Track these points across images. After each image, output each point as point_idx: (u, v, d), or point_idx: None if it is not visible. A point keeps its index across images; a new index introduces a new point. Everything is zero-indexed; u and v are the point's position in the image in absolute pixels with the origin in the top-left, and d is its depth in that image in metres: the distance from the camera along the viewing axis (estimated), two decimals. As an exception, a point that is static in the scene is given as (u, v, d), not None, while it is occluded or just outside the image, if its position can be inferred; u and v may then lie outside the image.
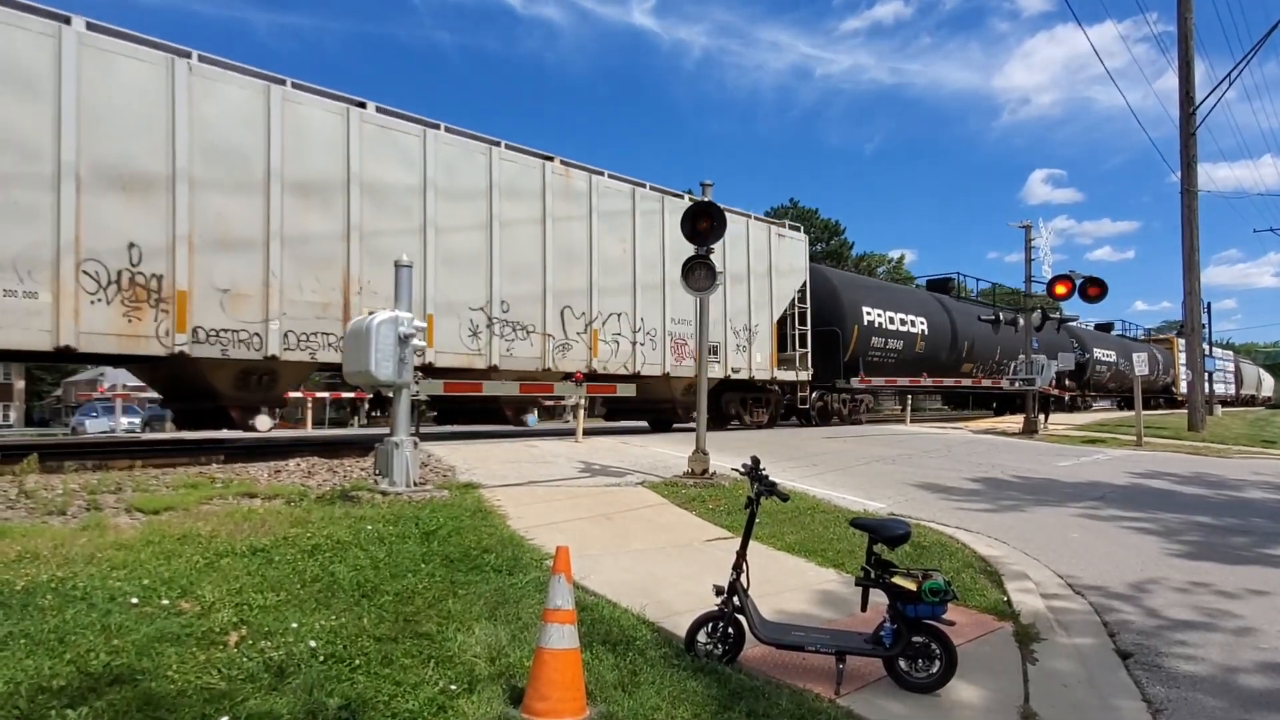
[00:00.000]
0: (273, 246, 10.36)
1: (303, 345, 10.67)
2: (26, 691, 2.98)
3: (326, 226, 10.97)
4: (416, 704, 3.13)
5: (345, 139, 11.15)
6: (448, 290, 12.22)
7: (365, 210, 11.32)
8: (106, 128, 9.15)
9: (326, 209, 10.97)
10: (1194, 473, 12.37)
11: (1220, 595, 5.51)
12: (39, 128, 8.70)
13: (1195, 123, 22.26)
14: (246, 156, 10.22)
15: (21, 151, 8.60)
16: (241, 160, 10.17)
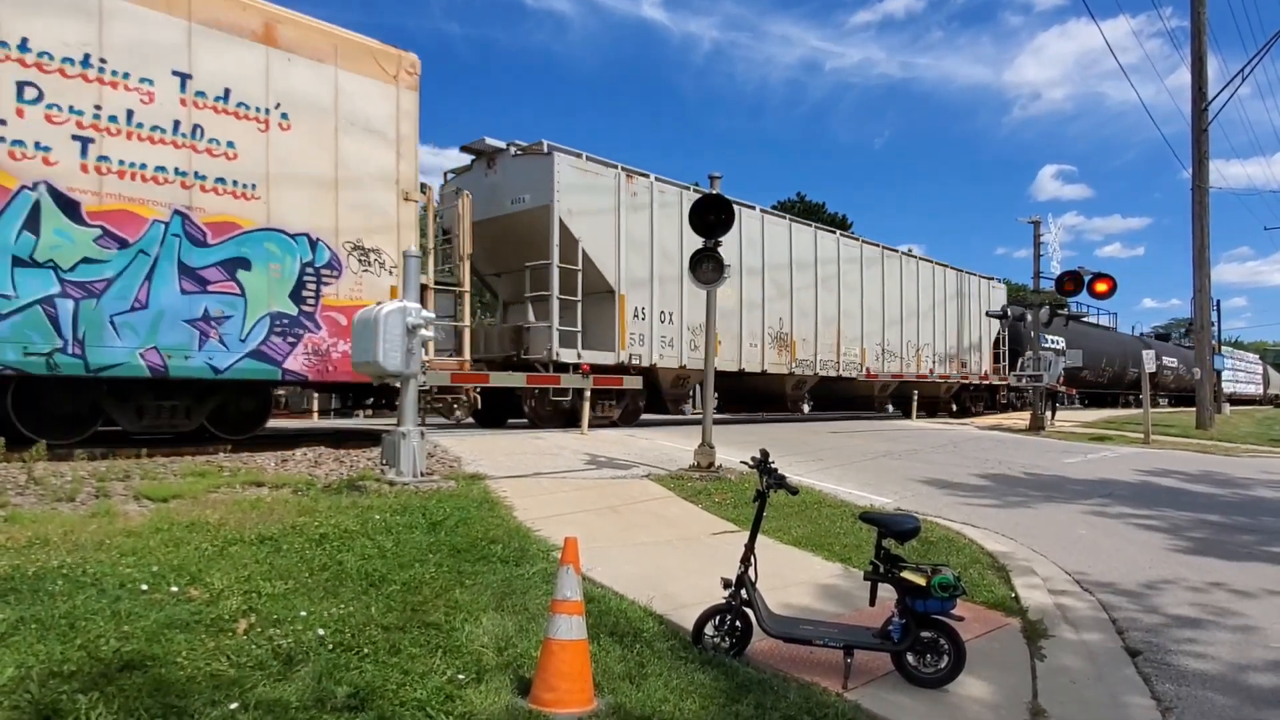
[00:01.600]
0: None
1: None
2: (38, 676, 3.00)
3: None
4: (424, 693, 3.14)
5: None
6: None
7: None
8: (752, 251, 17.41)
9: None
10: (1202, 471, 12.32)
11: (1230, 593, 5.48)
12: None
13: (1207, 119, 22.10)
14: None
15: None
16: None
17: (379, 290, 10.41)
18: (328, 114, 10.12)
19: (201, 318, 9.07)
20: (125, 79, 8.61)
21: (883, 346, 20.99)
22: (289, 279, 9.74)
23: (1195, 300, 22.73)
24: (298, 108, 9.85)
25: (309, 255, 9.95)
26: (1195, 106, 22.20)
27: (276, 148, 9.67)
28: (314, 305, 9.94)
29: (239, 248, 9.36)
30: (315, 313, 9.96)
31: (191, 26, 9.04)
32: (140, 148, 8.69)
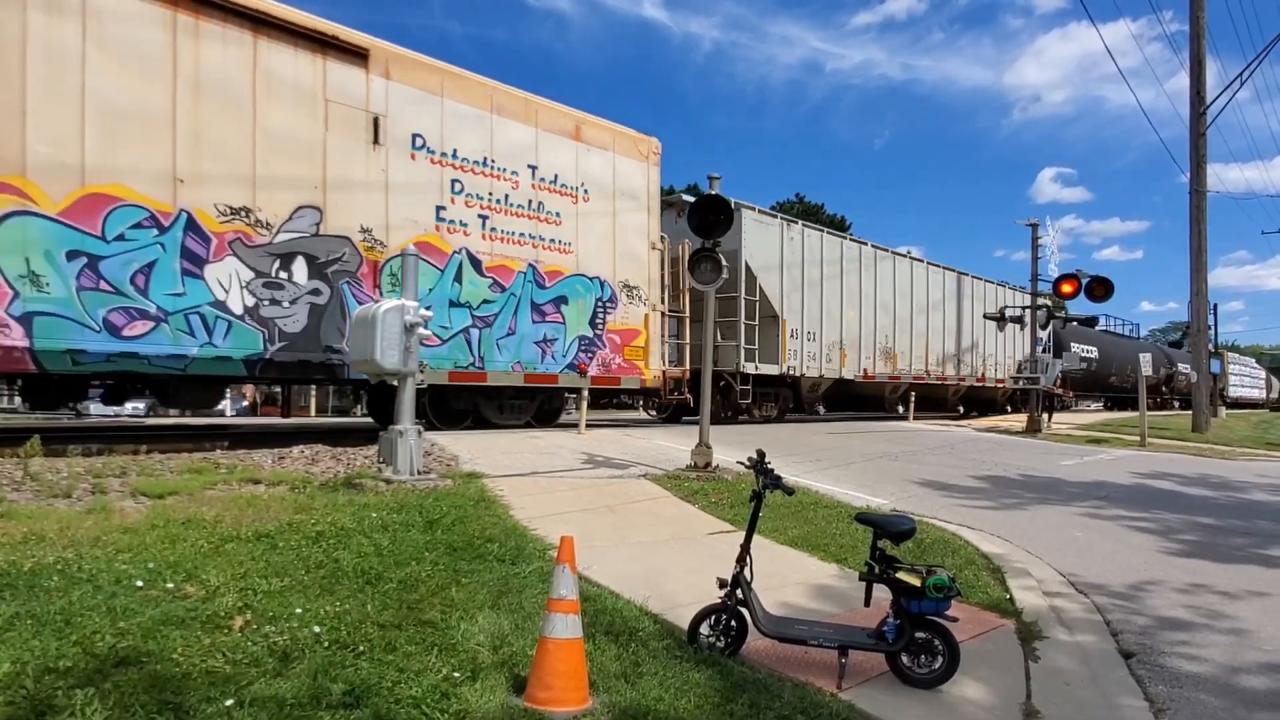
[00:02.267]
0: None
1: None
2: (33, 672, 3.00)
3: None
4: (420, 691, 3.14)
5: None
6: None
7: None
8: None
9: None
10: (1197, 474, 12.35)
11: (1223, 596, 5.50)
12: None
13: (1206, 122, 22.14)
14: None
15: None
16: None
17: (637, 316, 14.61)
18: (609, 188, 14.13)
19: (542, 340, 13.01)
20: (503, 172, 12.59)
21: (958, 357, 24.99)
22: (588, 310, 13.73)
23: (1192, 304, 22.77)
24: (593, 185, 13.86)
25: (599, 292, 13.93)
26: (1193, 110, 22.24)
27: (582, 215, 13.69)
28: (601, 329, 13.92)
29: (562, 288, 13.35)
30: (602, 334, 13.91)
31: (538, 132, 13.06)
32: (511, 220, 12.70)
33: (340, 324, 10.54)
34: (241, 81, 9.73)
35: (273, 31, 9.96)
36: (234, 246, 9.69)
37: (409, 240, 11.13)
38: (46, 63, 8.34)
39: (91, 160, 8.62)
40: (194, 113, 9.34)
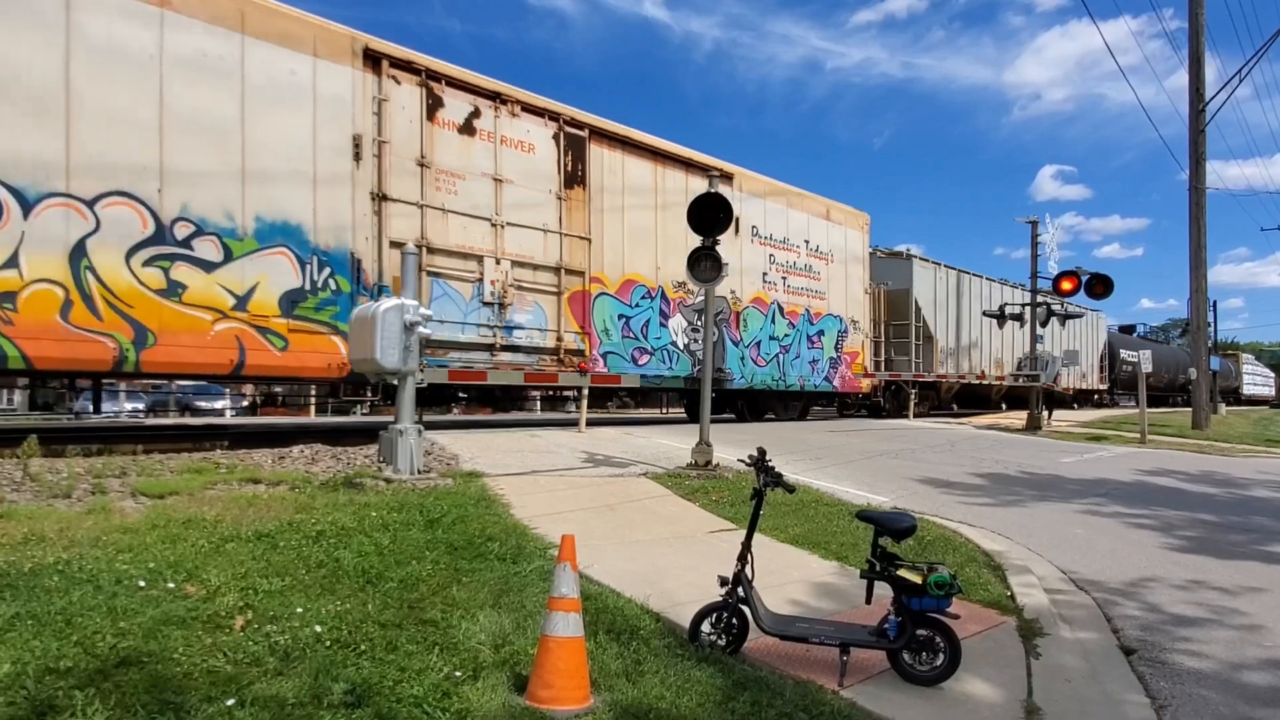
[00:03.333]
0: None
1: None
2: (34, 672, 2.99)
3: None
4: (421, 690, 3.14)
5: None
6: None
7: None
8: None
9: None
10: (1198, 471, 12.35)
11: (1224, 592, 5.50)
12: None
13: (1205, 119, 22.13)
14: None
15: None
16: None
17: (857, 342, 20.31)
18: (843, 251, 19.91)
19: (811, 360, 18.71)
20: (792, 246, 18.28)
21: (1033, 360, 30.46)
22: (834, 339, 19.48)
23: (1192, 301, 22.77)
24: (835, 250, 19.67)
25: (840, 326, 19.70)
26: (1193, 107, 22.23)
27: (830, 272, 19.45)
28: (841, 352, 19.63)
29: (821, 325, 19.12)
30: (841, 356, 19.67)
31: (809, 217, 18.85)
32: (796, 278, 18.40)
33: (723, 352, 16.27)
34: (668, 199, 15.14)
35: (669, 162, 15.37)
36: (679, 306, 15.35)
37: (751, 297, 17.14)
38: (608, 211, 14.00)
39: (626, 262, 14.41)
40: (656, 228, 14.99)
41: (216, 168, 9.40)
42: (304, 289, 10.12)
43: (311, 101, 10.19)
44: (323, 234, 10.25)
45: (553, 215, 13.06)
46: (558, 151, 13.18)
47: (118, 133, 8.68)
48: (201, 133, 9.29)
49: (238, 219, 9.56)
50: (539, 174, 12.85)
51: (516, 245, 12.54)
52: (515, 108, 12.45)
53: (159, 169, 8.96)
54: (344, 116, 10.47)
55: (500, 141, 12.31)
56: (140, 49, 8.85)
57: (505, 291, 12.36)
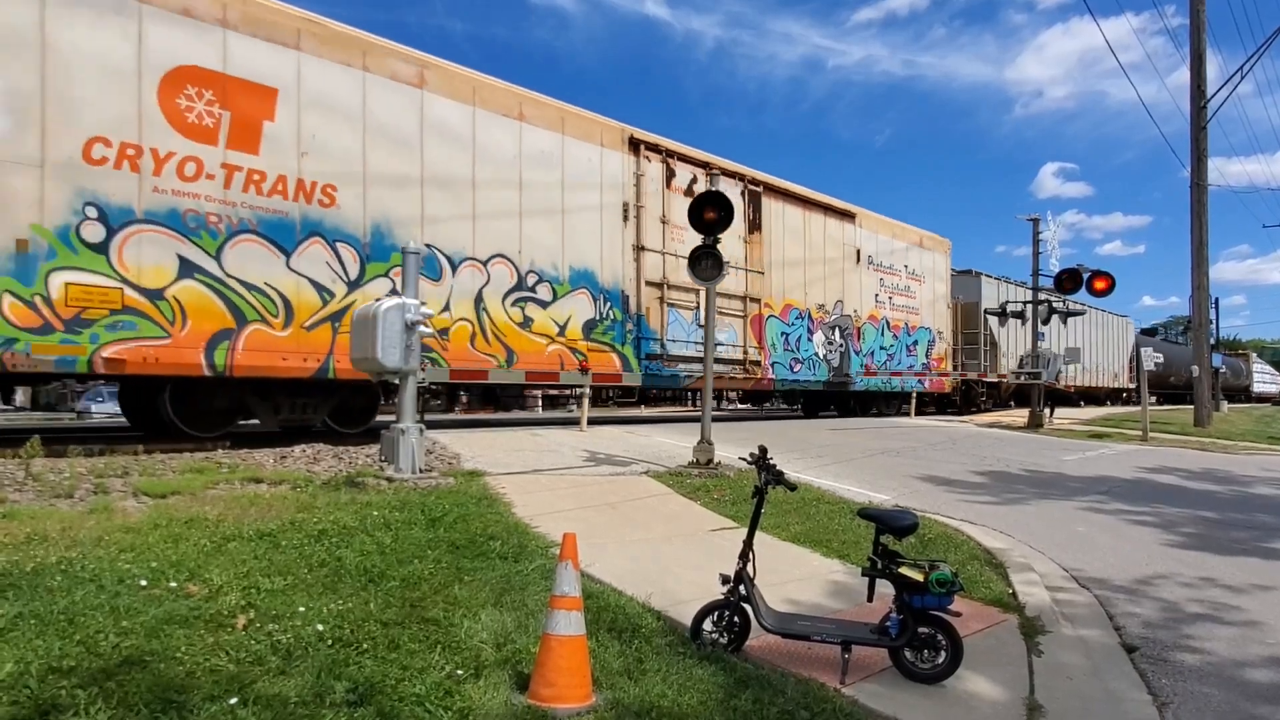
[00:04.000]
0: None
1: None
2: (37, 671, 3.00)
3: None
4: (423, 688, 3.14)
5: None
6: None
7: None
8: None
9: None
10: (1200, 468, 12.34)
11: (1226, 590, 5.50)
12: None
13: (1206, 116, 22.10)
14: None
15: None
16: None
17: (940, 350, 23.70)
18: (931, 272, 23.28)
19: (909, 366, 21.94)
20: (895, 270, 21.53)
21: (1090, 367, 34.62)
22: (925, 347, 22.76)
23: (1194, 298, 22.74)
24: (925, 272, 22.98)
25: (929, 336, 23.02)
26: (1194, 104, 22.20)
27: (922, 290, 22.72)
28: (929, 359, 22.93)
29: (916, 335, 22.37)
30: (930, 362, 22.99)
31: (907, 245, 22.14)
32: (898, 298, 21.64)
33: (848, 360, 19.46)
34: (812, 238, 18.56)
35: (814, 207, 18.68)
36: (820, 323, 18.66)
37: (867, 314, 20.40)
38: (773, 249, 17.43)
39: (786, 290, 17.70)
40: (803, 260, 18.19)
41: (548, 233, 12.77)
42: (596, 319, 13.47)
43: (599, 179, 13.54)
44: (606, 277, 13.59)
45: (740, 255, 16.16)
46: (744, 204, 16.32)
47: (498, 216, 12.12)
48: (540, 209, 12.65)
49: (560, 269, 12.94)
50: (734, 223, 13.84)
51: (682, 279, 14.40)
52: (717, 172, 14.27)
53: (519, 237, 12.36)
54: (617, 188, 13.84)
55: (673, 187, 15.08)
56: (511, 154, 12.24)
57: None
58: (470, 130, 11.61)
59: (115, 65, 8.49)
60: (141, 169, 8.67)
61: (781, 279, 17.50)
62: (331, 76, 10.16)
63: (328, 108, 10.14)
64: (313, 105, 9.99)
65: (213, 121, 9.17)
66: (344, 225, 10.30)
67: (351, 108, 10.37)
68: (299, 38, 9.87)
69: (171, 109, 8.87)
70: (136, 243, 8.64)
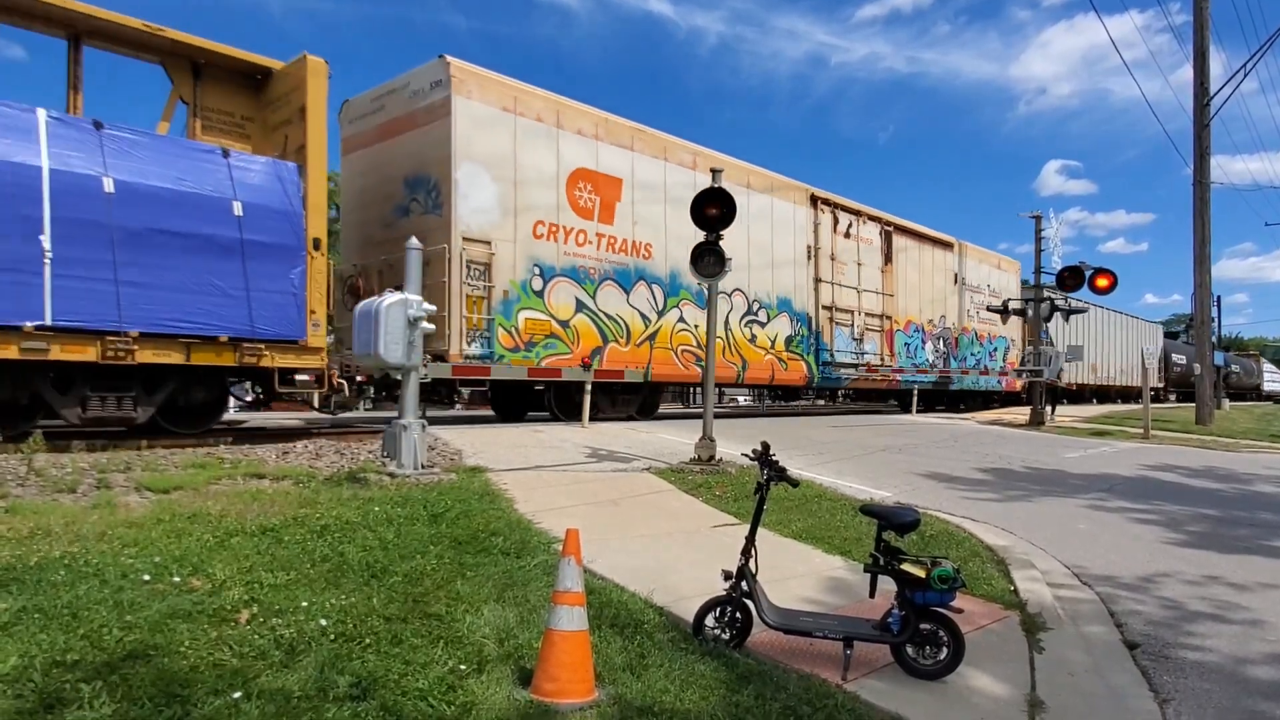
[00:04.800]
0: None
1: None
2: (41, 665, 3.01)
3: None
4: (426, 683, 3.15)
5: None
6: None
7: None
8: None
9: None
10: (1202, 466, 12.34)
11: (1228, 587, 5.50)
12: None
13: (1209, 114, 22.05)
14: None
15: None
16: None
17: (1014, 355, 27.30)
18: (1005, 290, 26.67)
19: (985, 370, 25.57)
20: (980, 288, 25.82)
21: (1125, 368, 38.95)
22: (1002, 353, 27.04)
23: (1196, 296, 22.71)
24: (1001, 289, 26.58)
25: (1005, 344, 27.18)
26: (1197, 101, 22.15)
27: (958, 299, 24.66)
28: (1005, 362, 26.84)
29: (995, 344, 26.72)
30: (1005, 365, 26.72)
31: (989, 268, 26.67)
32: (983, 314, 25.07)
33: (949, 365, 23.40)
34: (925, 265, 22.81)
35: (926, 241, 22.84)
36: (929, 335, 22.73)
37: (962, 328, 24.64)
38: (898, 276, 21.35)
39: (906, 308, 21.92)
40: (918, 284, 22.39)
41: (765, 270, 17.04)
42: (792, 335, 17.87)
43: (792, 228, 17.90)
44: (797, 303, 17.99)
45: (879, 282, 20.79)
46: (882, 242, 20.99)
47: (737, 257, 13.80)
48: (759, 251, 16.89)
49: (770, 297, 17.26)
50: (875, 257, 20.74)
51: (866, 303, 20.28)
52: (865, 219, 20.24)
53: (748, 273, 16.50)
54: (802, 234, 18.28)
55: (860, 240, 20.14)
56: (742, 212, 13.17)
57: (862, 332, 20.15)
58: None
59: (546, 172, 12.78)
60: (557, 240, 12.97)
61: (904, 300, 21.82)
62: (648, 167, 14.48)
63: (647, 188, 14.38)
64: (640, 187, 14.26)
65: (590, 204, 13.50)
66: (655, 271, 14.59)
67: (658, 187, 14.63)
68: (632, 141, 14.26)
69: (571, 198, 13.17)
70: (556, 290, 12.92)
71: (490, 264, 11.93)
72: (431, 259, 10.73)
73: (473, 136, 11.70)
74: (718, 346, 12.85)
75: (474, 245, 11.75)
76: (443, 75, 11.57)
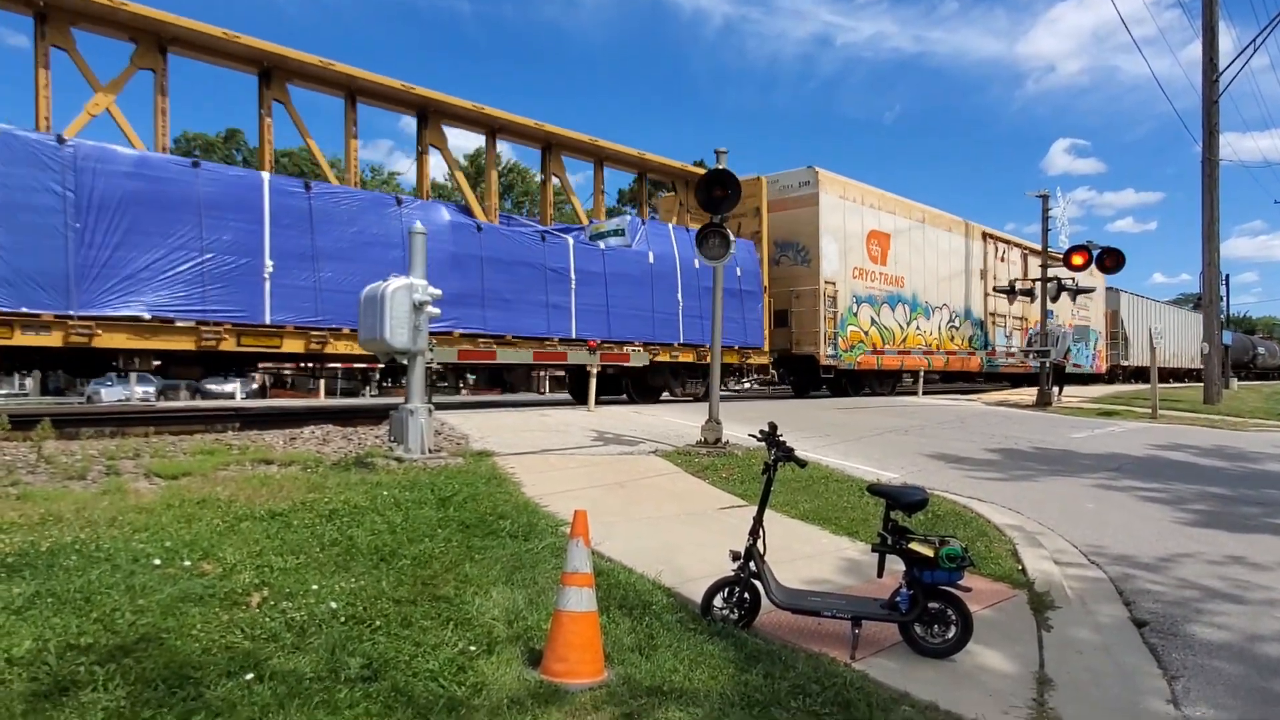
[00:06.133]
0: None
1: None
2: (55, 649, 3.03)
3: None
4: (437, 664, 3.17)
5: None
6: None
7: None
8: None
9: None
10: (1210, 445, 12.30)
11: (1239, 565, 5.49)
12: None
13: (1218, 90, 21.82)
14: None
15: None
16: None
17: (1101, 344, 33.90)
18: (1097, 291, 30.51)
19: (1089, 355, 32.11)
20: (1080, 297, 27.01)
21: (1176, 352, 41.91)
22: (1094, 342, 32.77)
23: (1204, 275, 22.58)
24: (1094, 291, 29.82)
25: (1096, 335, 33.05)
26: (1206, 78, 21.91)
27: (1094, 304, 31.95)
28: (1095, 349, 33.00)
29: (1090, 334, 32.04)
30: (1096, 351, 33.16)
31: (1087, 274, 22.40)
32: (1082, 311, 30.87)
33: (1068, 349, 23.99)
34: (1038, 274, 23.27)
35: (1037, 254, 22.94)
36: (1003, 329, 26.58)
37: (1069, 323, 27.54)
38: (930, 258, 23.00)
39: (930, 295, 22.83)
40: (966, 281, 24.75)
41: (958, 289, 23.67)
42: (973, 336, 24.00)
43: (965, 253, 24.14)
44: (974, 312, 24.44)
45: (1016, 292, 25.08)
46: (1021, 263, 26.82)
47: (947, 281, 23.25)
48: (955, 276, 23.45)
49: (960, 309, 23.73)
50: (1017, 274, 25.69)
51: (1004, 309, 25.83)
52: (1011, 245, 26.82)
53: (949, 292, 23.31)
54: (972, 258, 24.45)
55: (1008, 262, 26.23)
56: (947, 249, 23.57)
57: (1011, 331, 26.30)
58: (936, 239, 22.89)
59: (855, 234, 19.66)
60: (862, 278, 19.73)
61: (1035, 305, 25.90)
62: (900, 221, 21.45)
63: (899, 236, 21.26)
64: (898, 236, 21.21)
65: (876, 253, 20.33)
66: (904, 295, 21.47)
67: (904, 235, 21.52)
68: (894, 207, 21.23)
69: (868, 250, 20.05)
70: (861, 311, 19.66)
71: (835, 296, 18.71)
72: (803, 295, 18.58)
73: (827, 217, 18.60)
74: (939, 343, 22.66)
75: (828, 285, 18.56)
76: (811, 178, 18.73)
